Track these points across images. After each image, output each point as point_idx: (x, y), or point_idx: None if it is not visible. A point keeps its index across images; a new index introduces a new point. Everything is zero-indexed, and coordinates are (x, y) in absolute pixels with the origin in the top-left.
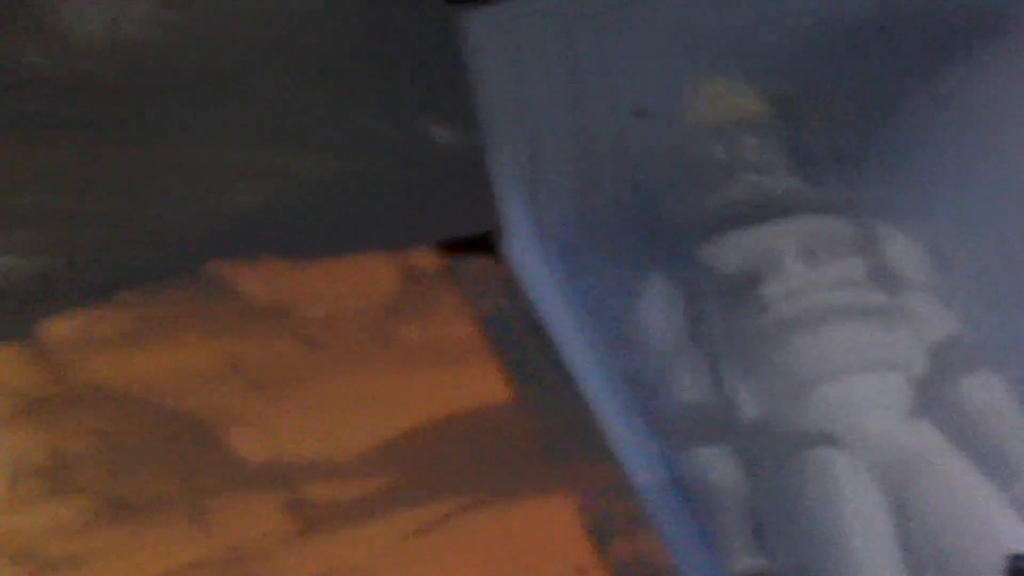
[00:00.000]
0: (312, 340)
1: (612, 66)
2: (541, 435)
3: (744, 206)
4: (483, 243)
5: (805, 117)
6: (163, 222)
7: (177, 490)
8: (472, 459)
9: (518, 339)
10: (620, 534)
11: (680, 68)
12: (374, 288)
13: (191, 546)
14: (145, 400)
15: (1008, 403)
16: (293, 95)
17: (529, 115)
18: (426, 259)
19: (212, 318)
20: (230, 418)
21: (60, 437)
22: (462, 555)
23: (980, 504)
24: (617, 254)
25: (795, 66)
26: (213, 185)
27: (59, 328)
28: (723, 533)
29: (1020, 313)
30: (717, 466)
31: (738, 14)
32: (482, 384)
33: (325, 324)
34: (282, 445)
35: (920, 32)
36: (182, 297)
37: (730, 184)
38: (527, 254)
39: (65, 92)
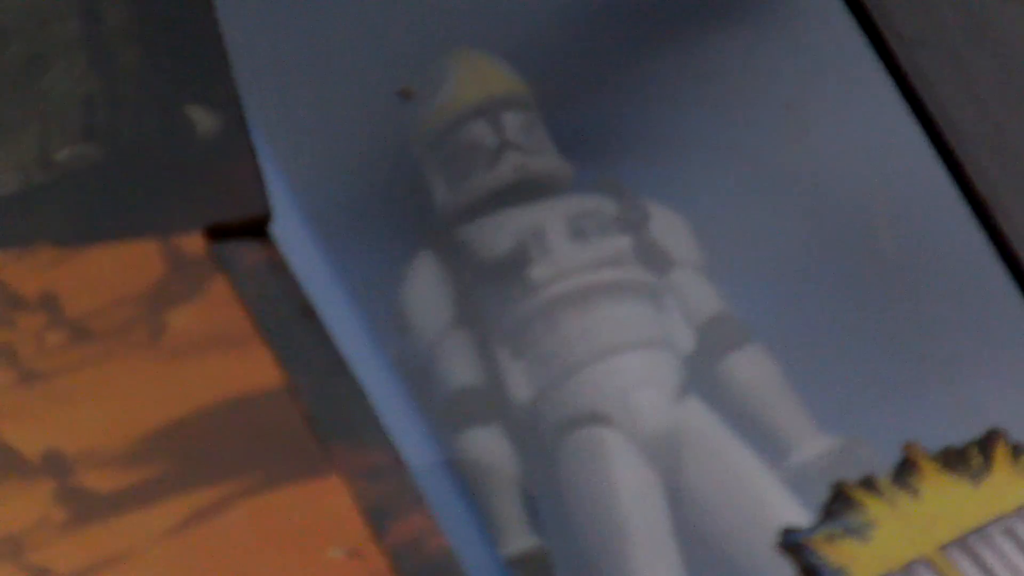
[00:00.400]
0: (82, 329)
1: (370, 44)
2: (313, 419)
3: (510, 187)
4: (251, 227)
5: (564, 96)
6: None
7: None
8: (244, 445)
9: (287, 324)
10: (395, 516)
11: (438, 46)
12: (142, 275)
13: None
14: None
15: (774, 379)
16: (49, 79)
17: (291, 98)
18: (193, 244)
19: None
20: (2, 410)
21: None
22: (236, 540)
23: (751, 480)
24: (385, 237)
25: (550, 43)
26: None
27: None
28: (498, 515)
29: (783, 288)
30: (489, 448)
31: None
32: (252, 370)
33: (94, 313)
34: (55, 436)
35: (675, 7)
36: None
37: (495, 165)
38: (295, 238)
39: None
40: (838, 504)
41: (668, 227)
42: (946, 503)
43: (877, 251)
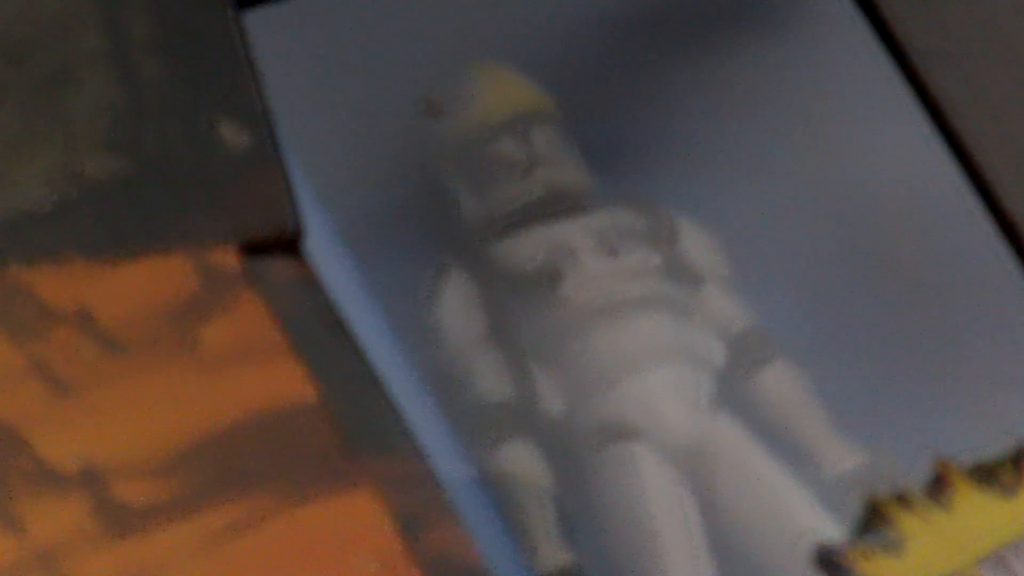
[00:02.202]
0: (115, 342)
1: (395, 57)
2: (345, 433)
3: (539, 202)
4: (283, 243)
5: (588, 109)
6: None
7: None
8: (277, 458)
9: (319, 338)
10: (427, 527)
11: (462, 58)
12: (174, 289)
13: (1, 550)
14: None
15: (804, 393)
16: (73, 91)
17: (318, 114)
18: (226, 259)
19: (13, 321)
20: (36, 422)
21: None
22: (270, 553)
23: (784, 495)
24: (415, 252)
25: (572, 56)
26: (1, 186)
27: None
28: (531, 529)
29: (809, 301)
30: (522, 462)
31: (507, 4)
32: (284, 384)
33: (126, 325)
34: (89, 448)
35: (700, 20)
36: None
37: (523, 180)
38: (326, 253)
39: None
40: (871, 519)
41: (697, 242)
42: (979, 518)
43: (901, 263)
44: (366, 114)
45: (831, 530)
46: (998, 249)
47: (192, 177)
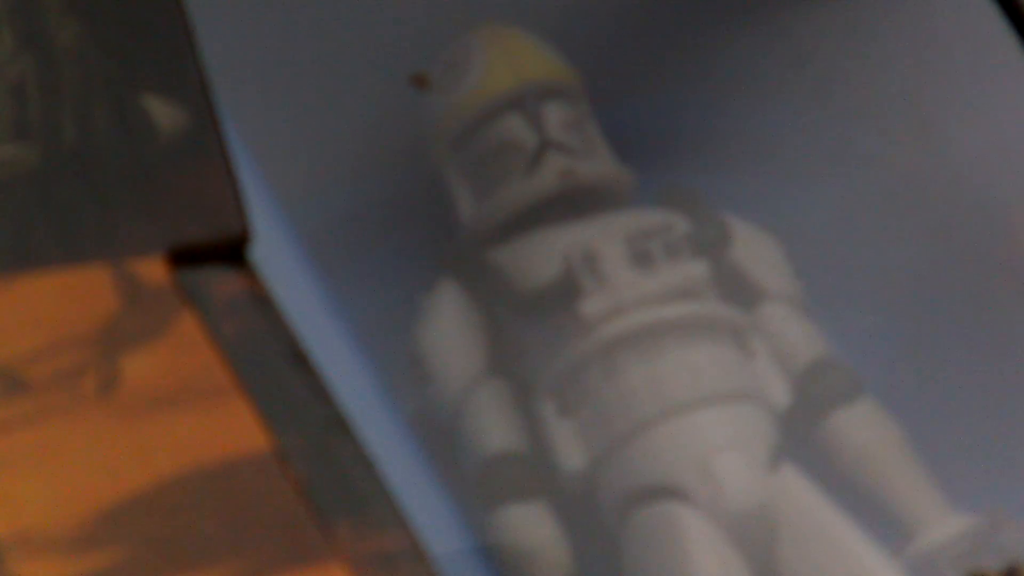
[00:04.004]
0: (13, 380)
1: (376, 21)
2: (308, 492)
3: (554, 198)
4: (226, 250)
5: (622, 85)
6: None
7: None
8: (222, 525)
9: (272, 371)
10: None
11: (461, 23)
12: (88, 310)
13: None
14: None
15: (893, 441)
16: None
17: (274, 88)
18: (153, 271)
19: None
20: None
21: None
22: None
23: (865, 571)
24: (396, 262)
25: (604, 20)
26: None
27: None
28: None
29: (901, 327)
30: (532, 530)
31: None
32: (230, 430)
33: (29, 360)
34: None
35: None
36: None
37: (535, 170)
38: (280, 263)
39: None
40: None
41: (755, 249)
42: None
43: (1017, 279)
44: (335, 92)
45: None
46: None
47: (114, 169)
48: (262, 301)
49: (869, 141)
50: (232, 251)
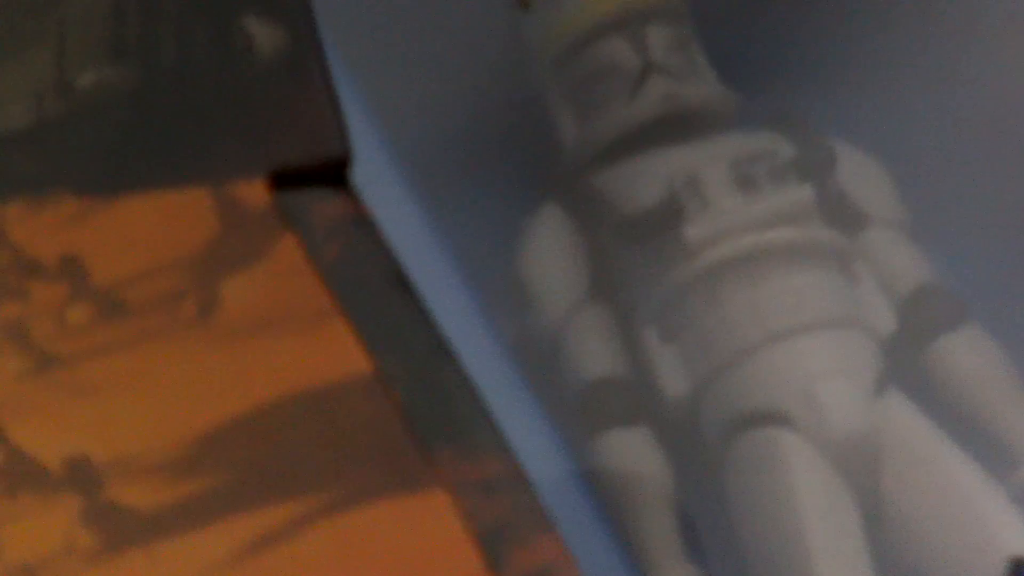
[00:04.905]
0: (113, 304)
1: None
2: (409, 418)
3: (657, 121)
4: (327, 173)
5: (726, 6)
6: None
7: None
8: (322, 451)
9: (374, 295)
10: (516, 542)
11: None
12: (188, 234)
13: None
14: None
15: (1000, 368)
16: None
17: (376, 9)
18: (253, 194)
19: None
20: (11, 403)
21: None
22: (313, 572)
23: (970, 498)
24: (497, 185)
25: None
26: None
27: None
28: (646, 540)
29: (1010, 253)
30: (634, 455)
31: None
32: (331, 354)
33: (128, 283)
34: (80, 439)
35: None
36: None
37: (638, 93)
38: (381, 186)
39: None
40: None
41: (861, 174)
42: None
43: None
44: (437, 11)
45: None
46: None
47: (214, 91)
48: (363, 224)
49: (976, 64)
50: (333, 174)
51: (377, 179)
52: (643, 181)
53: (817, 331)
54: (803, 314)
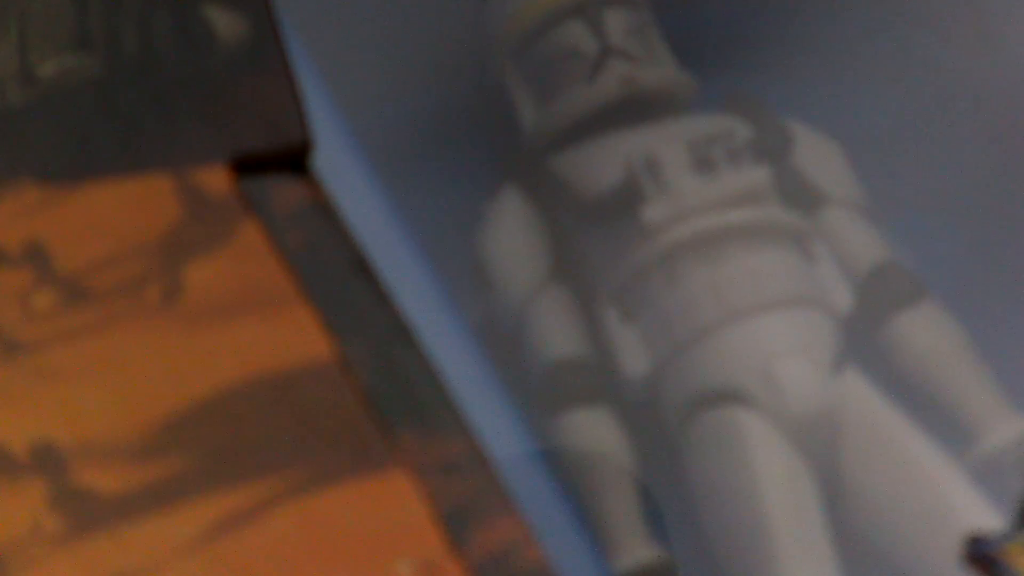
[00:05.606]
0: (77, 290)
1: None
2: (372, 400)
3: (615, 104)
4: (286, 159)
5: None
6: None
7: None
8: (285, 434)
9: (337, 280)
10: (478, 522)
11: None
12: (151, 220)
13: None
14: None
15: (956, 344)
16: None
17: None
18: (215, 180)
19: None
20: None
21: None
22: (277, 553)
23: (927, 473)
24: (458, 169)
25: None
26: None
27: None
28: (608, 519)
29: (963, 231)
30: (596, 434)
31: None
32: (294, 338)
33: (92, 269)
34: (45, 423)
35: None
36: None
37: (596, 76)
38: (342, 172)
39: None
40: None
41: (817, 155)
42: None
43: None
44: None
45: (987, 518)
46: None
47: (176, 79)
48: (324, 210)
49: (929, 46)
50: (294, 160)
51: (338, 165)
52: (602, 163)
53: (775, 310)
54: (761, 293)
